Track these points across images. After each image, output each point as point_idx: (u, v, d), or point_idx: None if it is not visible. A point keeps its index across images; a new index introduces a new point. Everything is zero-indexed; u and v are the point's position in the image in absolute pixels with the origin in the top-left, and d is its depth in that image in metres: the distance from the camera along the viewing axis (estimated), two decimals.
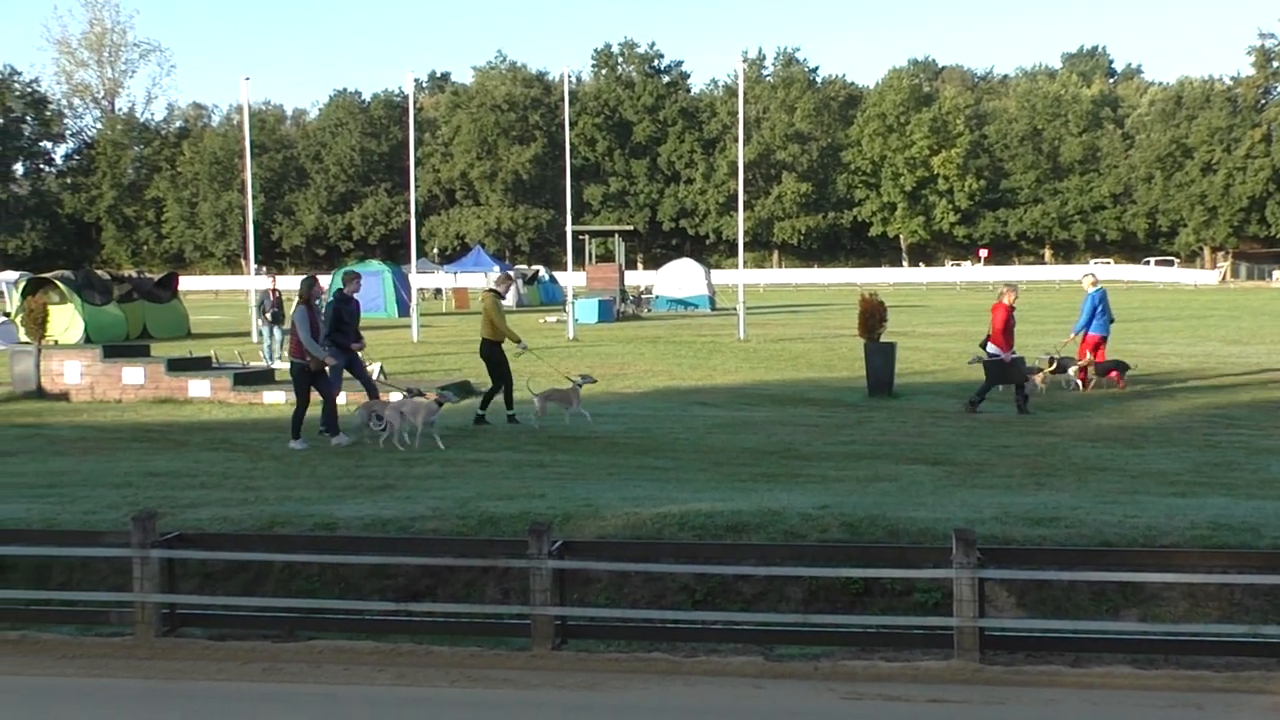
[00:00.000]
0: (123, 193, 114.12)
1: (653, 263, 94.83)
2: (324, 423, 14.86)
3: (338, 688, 7.30)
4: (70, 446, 14.82)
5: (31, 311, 21.90)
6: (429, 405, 14.33)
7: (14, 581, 9.20)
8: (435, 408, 14.34)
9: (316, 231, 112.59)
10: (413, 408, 14.32)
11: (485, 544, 8.54)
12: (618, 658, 7.69)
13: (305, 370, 14.54)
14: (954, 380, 20.93)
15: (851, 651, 7.67)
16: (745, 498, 10.34)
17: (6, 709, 7.13)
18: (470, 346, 30.08)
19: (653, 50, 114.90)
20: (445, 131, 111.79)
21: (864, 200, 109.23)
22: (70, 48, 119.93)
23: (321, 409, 14.84)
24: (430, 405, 14.33)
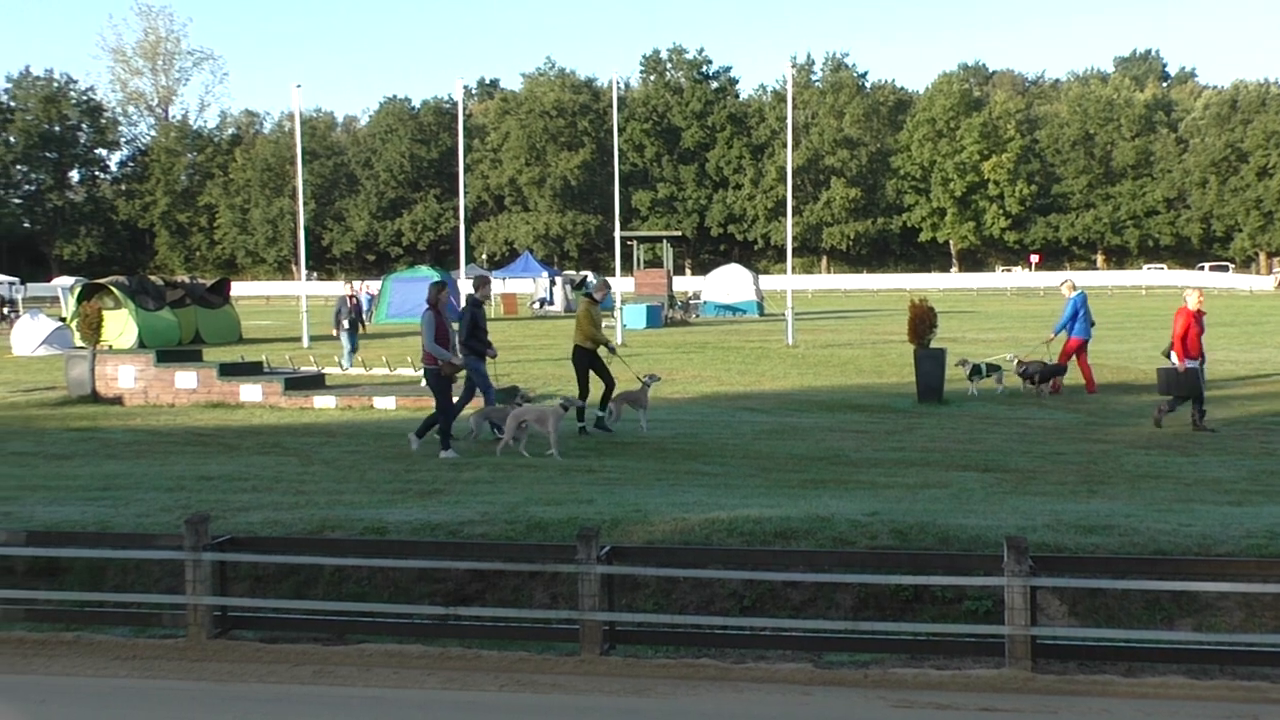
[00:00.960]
0: (176, 199, 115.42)
1: (701, 268, 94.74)
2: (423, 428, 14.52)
3: (387, 691, 7.33)
4: (124, 450, 14.98)
5: (86, 317, 22.15)
6: (556, 411, 14.05)
7: (69, 583, 9.31)
8: (561, 413, 14.09)
9: (367, 237, 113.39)
10: (539, 415, 14.01)
11: (534, 549, 8.54)
12: (666, 663, 7.67)
13: (439, 375, 14.25)
14: (1005, 387, 20.75)
15: (902, 659, 7.61)
16: (794, 504, 10.30)
17: (62, 709, 7.21)
18: (518, 352, 30.17)
19: (701, 56, 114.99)
20: (494, 138, 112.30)
21: (913, 206, 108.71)
22: (125, 56, 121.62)
23: (429, 416, 14.53)
24: (557, 411, 14.07)
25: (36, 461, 14.03)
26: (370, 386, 21.00)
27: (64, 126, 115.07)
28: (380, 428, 16.61)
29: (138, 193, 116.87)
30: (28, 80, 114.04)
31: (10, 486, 12.09)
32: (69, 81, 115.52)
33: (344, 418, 17.95)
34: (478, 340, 14.98)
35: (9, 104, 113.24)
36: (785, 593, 8.60)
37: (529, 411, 14.18)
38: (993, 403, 18.92)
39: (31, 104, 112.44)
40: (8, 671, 7.78)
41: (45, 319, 34.87)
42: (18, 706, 7.20)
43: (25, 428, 17.28)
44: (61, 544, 8.89)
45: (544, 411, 14.10)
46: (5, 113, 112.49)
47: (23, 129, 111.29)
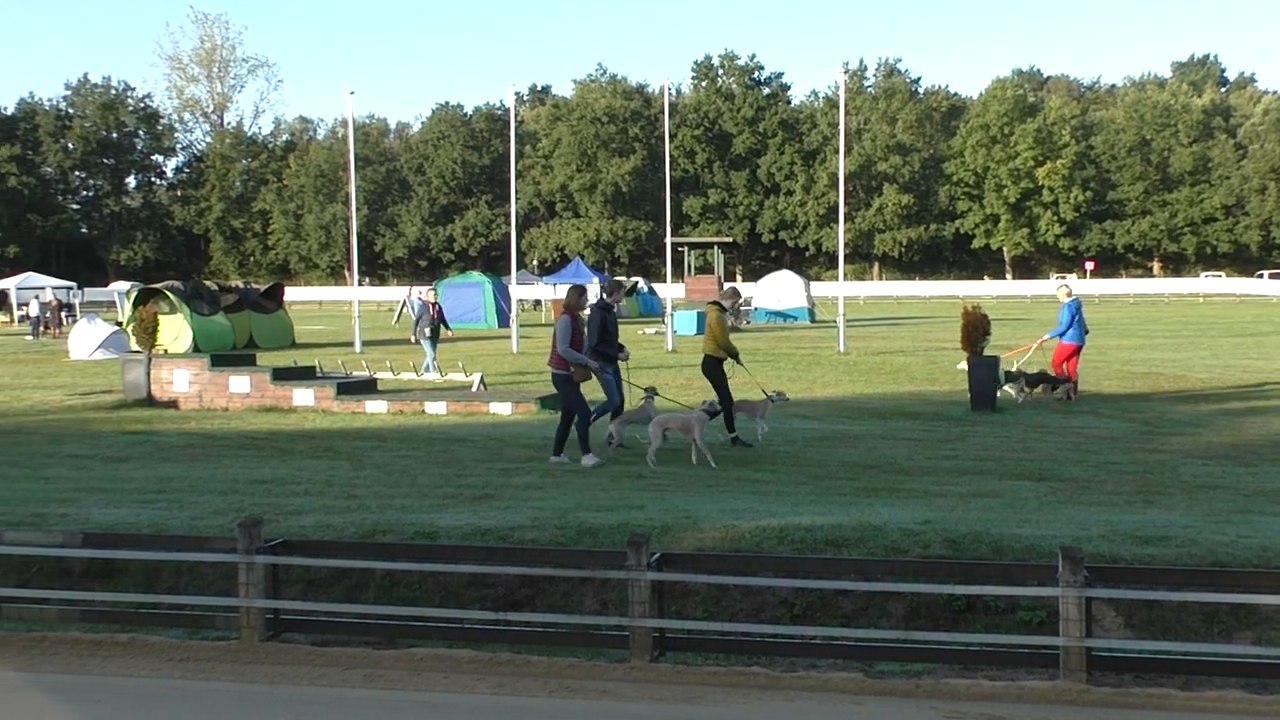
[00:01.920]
0: (230, 205, 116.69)
1: (752, 275, 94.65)
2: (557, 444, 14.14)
3: (437, 695, 7.34)
4: (179, 453, 15.11)
5: (142, 321, 22.39)
6: (700, 417, 13.82)
7: (124, 585, 9.40)
8: (705, 419, 13.86)
9: (418, 243, 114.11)
10: (683, 423, 13.78)
11: (584, 555, 8.53)
12: (716, 671, 7.64)
13: (569, 380, 13.96)
14: (1059, 395, 20.55)
15: (954, 669, 7.54)
16: (845, 512, 10.24)
17: (117, 709, 7.27)
18: None
19: (753, 62, 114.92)
20: (546, 144, 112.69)
21: (966, 212, 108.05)
22: (181, 64, 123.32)
23: (559, 429, 14.17)
24: (700, 417, 13.83)
25: (93, 464, 14.18)
26: (421, 391, 21.09)
27: (121, 133, 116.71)
28: (431, 432, 16.66)
29: (193, 198, 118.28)
30: (86, 87, 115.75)
31: (67, 489, 12.24)
32: (126, 89, 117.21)
33: (395, 422, 18.03)
34: (607, 345, 14.78)
35: (68, 111, 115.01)
36: (836, 601, 8.54)
37: (672, 419, 13.93)
38: (1046, 411, 18.73)
39: (90, 111, 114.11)
40: (64, 671, 7.86)
41: (102, 323, 35.31)
42: (74, 706, 7.28)
43: (82, 430, 17.49)
44: (117, 546, 8.98)
45: (688, 419, 13.82)
46: (64, 119, 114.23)
47: (81, 135, 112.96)
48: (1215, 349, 31.95)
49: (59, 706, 7.28)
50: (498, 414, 18.59)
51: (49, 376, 26.71)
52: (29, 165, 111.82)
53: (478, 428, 17.09)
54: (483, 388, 21.81)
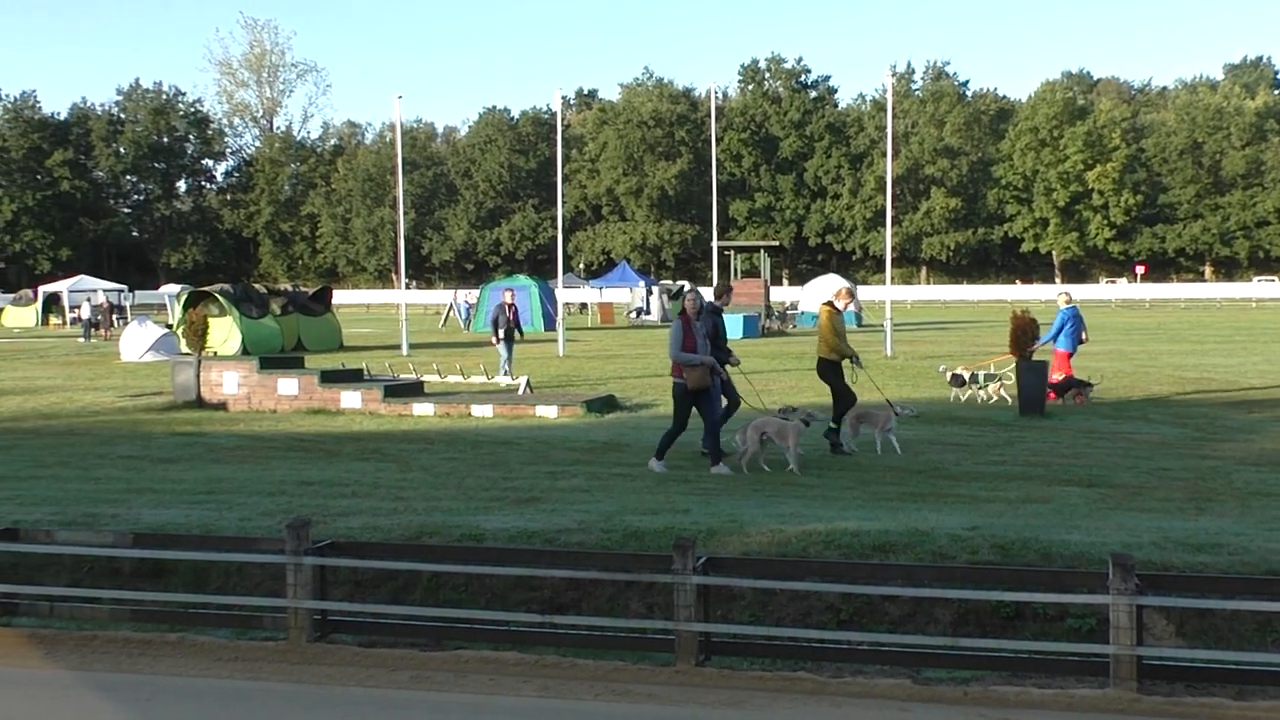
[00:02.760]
0: (279, 209, 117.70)
1: (798, 278, 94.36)
2: (706, 445, 13.83)
3: (483, 698, 7.35)
4: (228, 454, 15.23)
5: (192, 324, 22.59)
6: (796, 426, 13.53)
7: (174, 585, 9.49)
8: (802, 428, 13.61)
9: (465, 246, 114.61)
10: (779, 429, 13.51)
11: (630, 558, 8.53)
12: (762, 676, 7.61)
13: (686, 390, 13.42)
14: (1109, 399, 20.38)
15: (1002, 677, 7.47)
16: (892, 517, 10.18)
17: (167, 708, 7.34)
18: (614, 361, 30.26)
19: (800, 65, 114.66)
20: (592, 148, 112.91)
21: (1015, 216, 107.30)
22: (231, 69, 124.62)
23: (666, 433, 13.74)
24: (797, 426, 13.55)
25: (143, 465, 14.32)
26: (468, 394, 21.16)
27: (172, 138, 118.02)
28: (478, 435, 16.72)
29: (242, 202, 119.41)
30: (137, 92, 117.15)
31: (118, 489, 12.36)
32: (177, 94, 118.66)
33: (442, 425, 18.10)
34: (718, 349, 14.39)
35: (119, 116, 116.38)
36: (883, 607, 8.49)
37: (770, 424, 13.64)
38: (1096, 416, 18.56)
39: (141, 116, 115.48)
40: (115, 670, 7.94)
41: (153, 326, 35.66)
42: (124, 705, 7.34)
43: (133, 432, 17.66)
44: (167, 546, 9.05)
45: (785, 425, 13.54)
46: (116, 124, 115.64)
47: (132, 140, 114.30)
48: (1268, 354, 31.55)
49: (110, 705, 7.35)
50: (544, 417, 18.62)
51: (100, 378, 27.01)
52: (81, 169, 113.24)
53: (524, 431, 17.13)
54: (529, 391, 21.86)
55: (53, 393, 23.36)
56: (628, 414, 19.08)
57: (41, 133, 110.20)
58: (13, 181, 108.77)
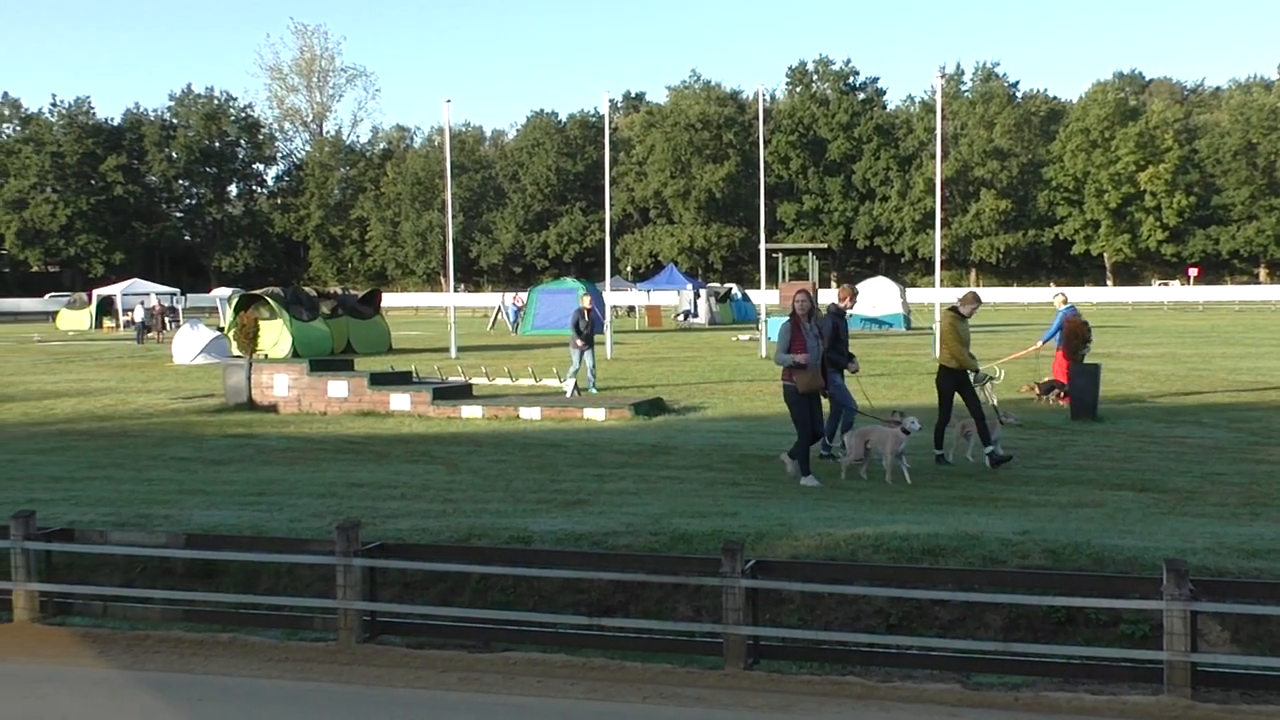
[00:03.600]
0: (329, 212, 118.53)
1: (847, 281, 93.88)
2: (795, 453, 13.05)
3: (531, 699, 7.36)
4: (278, 456, 15.34)
5: (243, 326, 22.79)
6: (896, 434, 12.98)
7: (225, 585, 9.57)
8: (903, 437, 13.00)
9: (513, 249, 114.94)
10: (880, 436, 13.08)
11: (678, 561, 8.52)
12: (811, 680, 7.58)
13: (796, 394, 12.79)
14: (1162, 404, 20.15)
15: (1054, 682, 7.41)
16: (942, 521, 10.12)
17: (218, 707, 7.40)
18: (662, 364, 30.23)
19: (848, 67, 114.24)
20: (640, 150, 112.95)
21: (1066, 217, 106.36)
22: (282, 74, 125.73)
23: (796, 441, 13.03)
24: (897, 434, 12.98)
25: (195, 466, 14.45)
26: (516, 397, 21.21)
27: (223, 142, 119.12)
28: (526, 438, 16.75)
29: (293, 206, 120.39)
30: (189, 98, 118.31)
31: (171, 490, 12.48)
32: (228, 99, 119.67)
33: (490, 427, 18.15)
34: (838, 353, 14.05)
35: (172, 121, 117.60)
36: (933, 611, 8.44)
37: (872, 432, 13.24)
38: (1149, 420, 18.35)
39: (193, 121, 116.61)
40: (167, 669, 8.01)
41: (204, 329, 35.96)
42: (177, 704, 7.41)
43: (185, 434, 17.83)
44: (218, 547, 9.14)
45: (886, 433, 13.06)
46: (168, 129, 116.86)
47: (184, 145, 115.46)
48: None
49: (163, 704, 7.42)
50: (592, 420, 18.63)
51: (153, 380, 27.28)
52: (135, 174, 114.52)
53: (572, 433, 17.15)
54: (577, 393, 21.89)
55: (107, 395, 23.63)
56: (675, 417, 19.06)
57: (95, 138, 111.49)
58: (67, 186, 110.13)
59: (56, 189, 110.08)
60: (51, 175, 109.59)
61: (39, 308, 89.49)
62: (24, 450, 16.05)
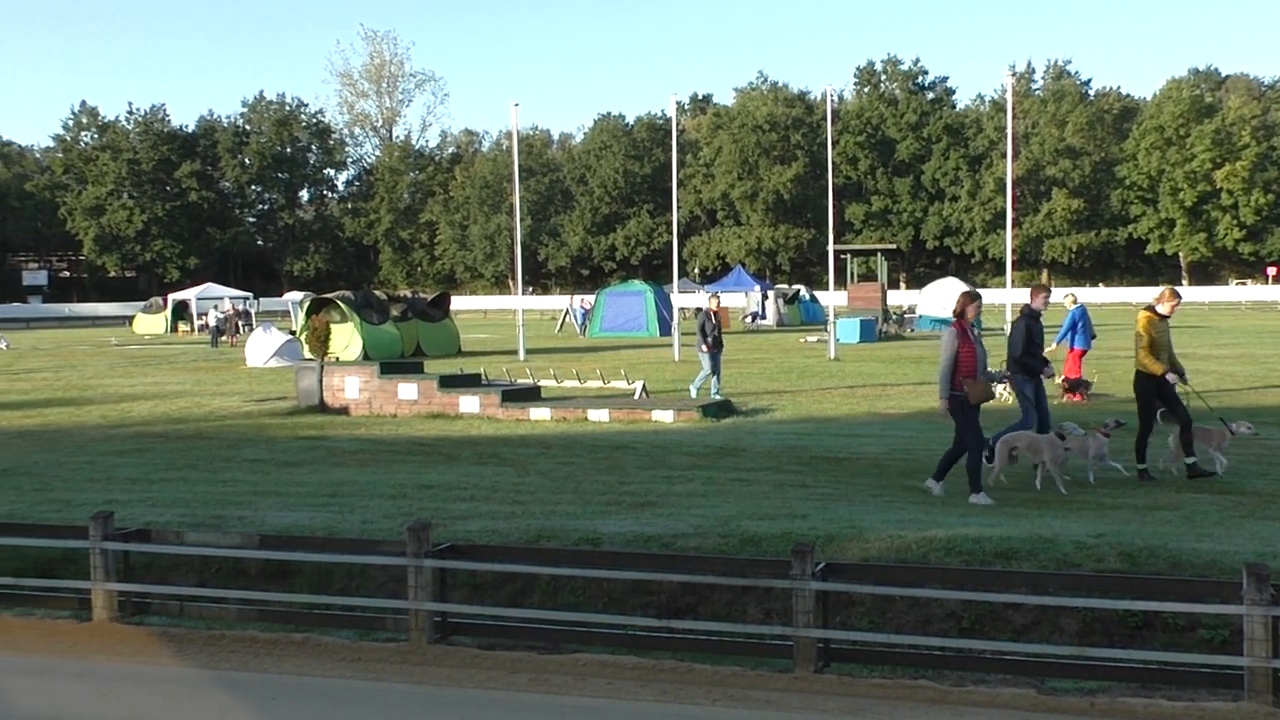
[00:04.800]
0: (399, 216, 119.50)
1: (916, 282, 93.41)
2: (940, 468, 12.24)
3: (601, 701, 7.37)
4: (349, 458, 15.47)
5: (315, 330, 23.01)
6: (1050, 439, 12.51)
7: (298, 586, 9.66)
8: (1057, 442, 12.49)
9: (581, 252, 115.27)
10: (1030, 443, 12.55)
11: (747, 563, 8.49)
12: (882, 684, 7.52)
13: (964, 404, 11.84)
14: (1240, 404, 19.80)
15: (1130, 688, 7.29)
16: (1015, 524, 10.00)
17: (292, 706, 7.47)
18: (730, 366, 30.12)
19: (916, 67, 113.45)
20: (707, 152, 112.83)
21: (1140, 216, 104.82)
22: (352, 80, 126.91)
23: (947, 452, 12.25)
24: (1051, 439, 12.51)
25: (269, 468, 14.61)
26: (584, 399, 21.25)
27: (295, 148, 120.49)
28: (594, 440, 16.77)
29: (363, 211, 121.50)
30: (262, 104, 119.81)
31: (245, 492, 12.63)
32: (300, 105, 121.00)
33: (559, 429, 18.19)
34: (1032, 357, 13.37)
35: (245, 128, 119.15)
36: (1006, 615, 8.34)
37: (1020, 438, 12.68)
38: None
39: (265, 127, 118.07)
40: (242, 669, 8.10)
41: (277, 332, 36.39)
42: (252, 703, 7.49)
43: (258, 436, 18.03)
44: (291, 548, 9.22)
45: (1036, 439, 12.59)
46: (241, 136, 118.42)
47: (257, 151, 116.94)
48: None
49: (238, 703, 7.50)
50: (660, 421, 18.62)
51: (227, 383, 27.64)
52: (208, 180, 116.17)
53: (640, 435, 17.15)
54: (645, 395, 21.89)
55: (182, 398, 23.97)
56: (744, 419, 19.00)
57: (170, 145, 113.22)
58: (143, 193, 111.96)
59: (133, 195, 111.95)
60: (128, 182, 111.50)
61: (116, 312, 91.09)
62: (102, 452, 16.32)
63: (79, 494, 12.62)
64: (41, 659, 8.45)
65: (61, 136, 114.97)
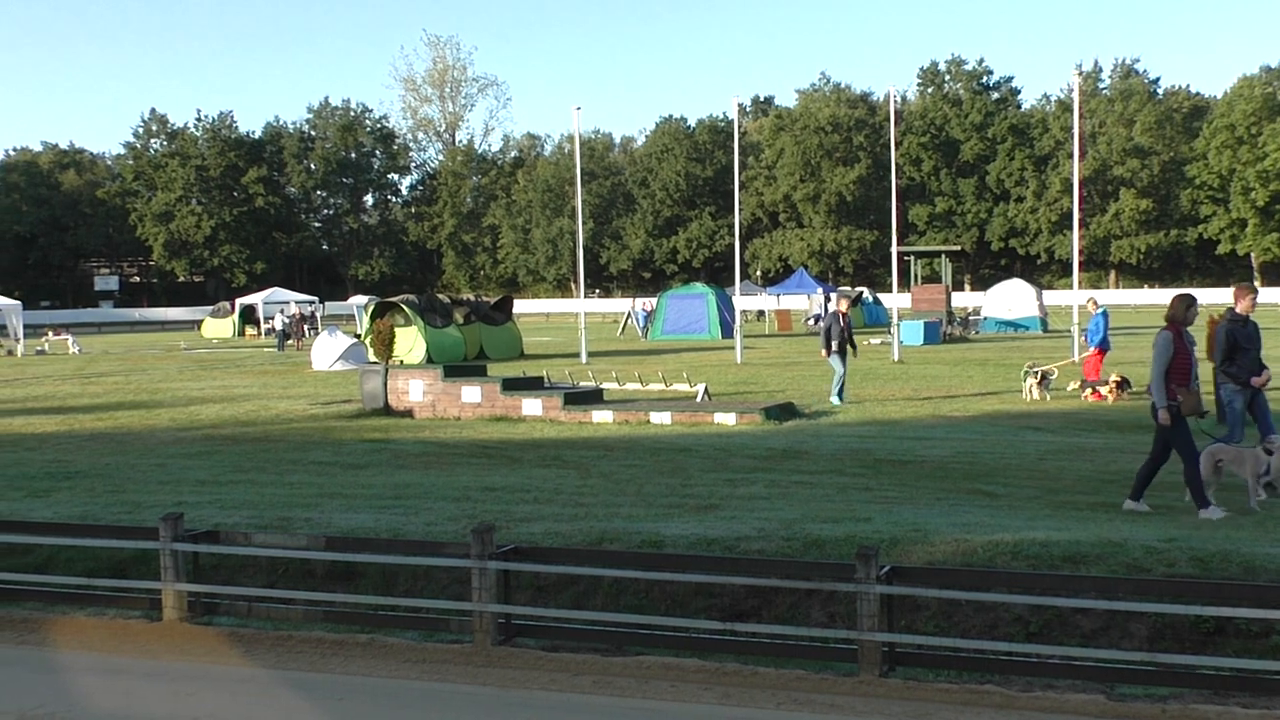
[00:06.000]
0: (462, 221, 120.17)
1: (980, 283, 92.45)
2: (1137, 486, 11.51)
3: (665, 704, 7.35)
4: (414, 461, 15.58)
5: (379, 333, 23.22)
6: (1254, 453, 11.81)
7: (364, 587, 9.73)
8: (1263, 458, 11.82)
9: (642, 255, 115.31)
10: (1235, 455, 11.86)
11: (811, 566, 8.44)
12: (948, 688, 7.45)
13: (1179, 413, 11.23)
14: None
15: (1203, 695, 7.17)
16: (1083, 528, 9.88)
17: (358, 706, 7.52)
18: (792, 368, 30.03)
19: (981, 66, 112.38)
20: (769, 154, 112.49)
21: (1210, 216, 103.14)
22: (415, 85, 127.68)
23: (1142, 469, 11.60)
24: (1256, 453, 11.80)
25: (334, 470, 14.74)
26: (646, 402, 21.25)
27: (359, 153, 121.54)
28: (657, 442, 16.78)
29: (426, 215, 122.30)
30: (327, 110, 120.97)
31: (311, 494, 12.75)
32: (364, 110, 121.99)
33: (621, 432, 18.22)
34: (1237, 366, 12.60)
35: (310, 133, 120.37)
36: (1074, 620, 8.23)
37: (1225, 451, 12.03)
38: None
39: (330, 133, 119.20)
40: (308, 669, 8.17)
41: (342, 336, 36.74)
42: (318, 703, 7.55)
43: (324, 438, 18.20)
44: (357, 550, 9.30)
45: (1241, 452, 11.94)
46: (307, 142, 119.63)
47: (322, 156, 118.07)
48: None
49: (306, 703, 7.57)
50: (722, 424, 18.59)
51: (293, 387, 27.93)
52: (275, 186, 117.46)
53: (702, 438, 17.13)
54: (707, 398, 21.86)
55: (249, 401, 24.25)
56: (807, 421, 18.93)
57: (238, 151, 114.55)
58: (211, 199, 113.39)
59: (201, 201, 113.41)
60: (196, 188, 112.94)
61: (185, 316, 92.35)
62: (172, 454, 16.55)
63: (149, 496, 12.80)
64: (113, 658, 8.58)
65: (132, 144, 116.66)
